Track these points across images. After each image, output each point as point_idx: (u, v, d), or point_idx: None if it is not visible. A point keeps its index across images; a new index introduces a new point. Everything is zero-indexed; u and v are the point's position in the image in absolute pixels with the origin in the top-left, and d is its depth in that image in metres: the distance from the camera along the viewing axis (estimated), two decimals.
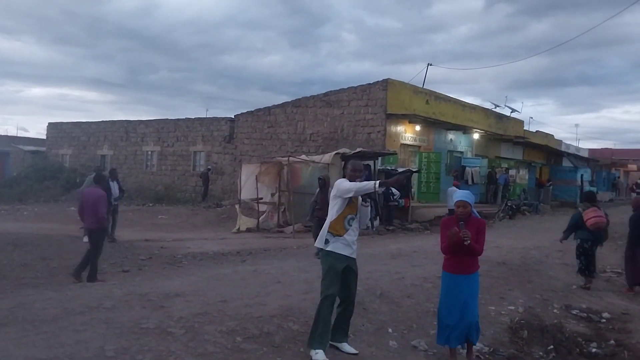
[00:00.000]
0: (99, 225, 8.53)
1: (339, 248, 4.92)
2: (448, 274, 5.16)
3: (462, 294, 5.07)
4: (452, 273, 5.12)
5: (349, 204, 4.98)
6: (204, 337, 4.92)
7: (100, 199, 8.52)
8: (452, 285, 5.12)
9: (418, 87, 23.19)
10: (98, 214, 8.42)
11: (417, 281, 7.77)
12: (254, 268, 8.83)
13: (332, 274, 4.89)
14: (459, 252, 5.04)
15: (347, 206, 4.98)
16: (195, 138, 27.11)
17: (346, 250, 4.94)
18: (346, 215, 4.98)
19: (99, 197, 8.54)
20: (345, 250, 4.94)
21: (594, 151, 46.15)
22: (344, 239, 4.94)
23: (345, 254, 4.93)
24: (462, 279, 5.08)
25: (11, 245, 11.08)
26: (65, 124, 32.90)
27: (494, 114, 28.50)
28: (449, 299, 5.13)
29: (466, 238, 4.90)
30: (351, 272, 5.00)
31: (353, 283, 5.06)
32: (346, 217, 4.97)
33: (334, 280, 4.87)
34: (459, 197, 5.19)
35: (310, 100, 22.64)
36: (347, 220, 4.98)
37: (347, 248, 4.95)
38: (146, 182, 28.07)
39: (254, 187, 16.95)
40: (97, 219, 8.42)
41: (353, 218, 5.01)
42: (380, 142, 20.09)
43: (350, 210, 5.00)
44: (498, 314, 6.89)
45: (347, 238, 4.95)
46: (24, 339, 4.62)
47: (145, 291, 6.66)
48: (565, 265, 10.41)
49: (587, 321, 7.28)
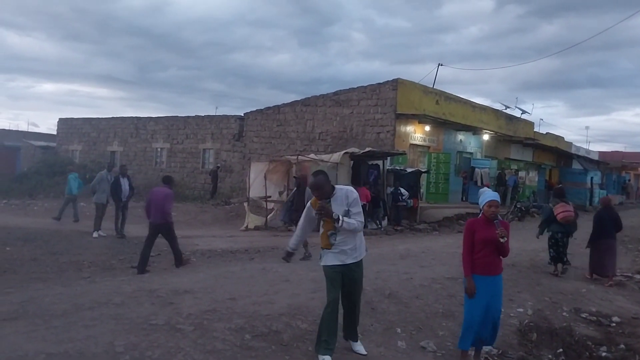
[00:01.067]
0: (164, 220, 9.33)
1: (329, 260, 4.87)
2: (478, 277, 5.08)
3: (488, 295, 5.05)
4: (483, 275, 5.07)
5: (322, 221, 4.91)
6: (213, 334, 4.93)
7: (168, 197, 9.42)
8: (481, 287, 5.06)
9: (428, 87, 23.10)
10: (164, 210, 9.27)
11: (425, 282, 7.75)
12: (262, 266, 8.84)
13: (328, 281, 4.87)
14: (489, 254, 5.03)
15: (325, 222, 4.89)
16: (204, 136, 27.18)
17: (338, 260, 4.84)
18: (327, 232, 4.89)
19: (167, 195, 9.43)
20: (337, 260, 4.84)
21: (604, 154, 45.79)
22: (333, 251, 4.85)
23: (337, 263, 4.84)
24: (491, 280, 5.08)
25: (21, 240, 11.16)
26: (75, 119, 33.08)
27: (504, 115, 28.36)
28: (477, 301, 5.06)
29: (503, 236, 4.91)
30: (349, 278, 4.89)
31: (352, 288, 4.96)
32: (328, 233, 4.88)
33: (333, 285, 4.83)
34: (491, 197, 5.16)
35: (320, 99, 22.63)
36: (330, 236, 4.87)
37: (339, 256, 4.84)
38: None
39: (262, 185, 16.96)
40: (163, 215, 9.25)
41: (333, 233, 4.85)
42: (389, 142, 20.04)
43: (328, 227, 4.88)
44: (507, 316, 6.85)
45: (337, 247, 4.84)
46: (34, 333, 4.65)
47: (155, 287, 6.69)
48: (575, 268, 10.35)
49: (597, 325, 7.23)
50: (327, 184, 4.87)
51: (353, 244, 4.90)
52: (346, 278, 4.89)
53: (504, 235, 4.94)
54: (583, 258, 10.43)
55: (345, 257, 4.85)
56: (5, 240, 10.90)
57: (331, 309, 4.78)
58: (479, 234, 5.06)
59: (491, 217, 5.07)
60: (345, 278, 4.88)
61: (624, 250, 13.87)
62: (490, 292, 5.06)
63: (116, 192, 13.20)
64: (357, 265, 4.95)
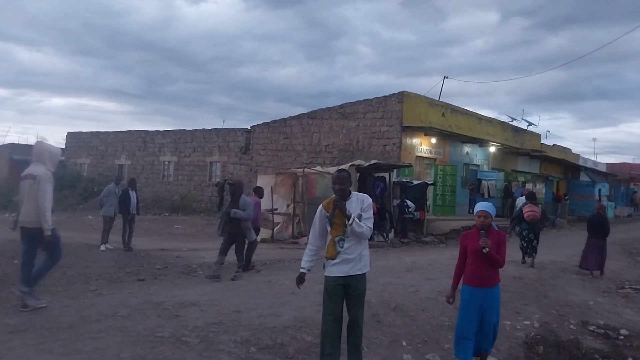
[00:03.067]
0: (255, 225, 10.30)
1: (333, 271, 4.69)
2: (468, 287, 5.10)
3: (481, 307, 5.02)
4: (473, 286, 5.06)
5: (333, 226, 4.71)
6: (218, 347, 4.95)
7: (257, 205, 10.82)
8: (472, 298, 5.05)
9: (434, 99, 23.18)
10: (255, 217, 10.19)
11: (432, 295, 7.73)
12: (268, 279, 8.86)
13: (327, 294, 4.74)
14: (479, 265, 5.01)
15: (332, 229, 4.71)
16: (211, 149, 27.32)
17: (341, 270, 4.66)
18: (334, 238, 4.70)
19: (256, 204, 10.74)
20: (340, 271, 4.66)
21: (612, 166, 45.59)
22: (338, 260, 4.67)
23: (340, 274, 4.67)
24: (483, 292, 5.04)
25: None
26: (84, 133, 33.36)
27: (510, 127, 28.36)
28: (469, 312, 5.06)
29: (485, 246, 4.89)
30: (352, 290, 4.70)
31: (354, 303, 4.73)
32: (335, 239, 4.70)
33: (331, 299, 4.70)
34: (480, 208, 5.17)
35: (326, 112, 22.73)
36: (337, 243, 4.70)
37: (342, 267, 4.66)
38: (163, 191, 28.31)
39: (269, 198, 17.00)
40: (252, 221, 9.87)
41: (342, 239, 4.69)
42: (395, 154, 20.08)
43: (337, 232, 4.70)
44: (513, 328, 6.82)
45: (341, 256, 4.67)
46: (41, 345, 4.69)
47: (161, 300, 6.72)
48: (582, 281, 10.29)
49: (605, 337, 7.16)
50: (349, 181, 4.82)
51: (358, 252, 4.72)
52: (348, 291, 4.69)
53: (486, 245, 4.91)
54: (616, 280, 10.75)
55: (348, 268, 4.67)
56: (13, 254, 10.94)
57: (329, 321, 4.68)
58: (470, 245, 5.08)
59: (481, 227, 5.07)
60: (346, 292, 4.69)
61: (633, 262, 13.79)
62: (482, 304, 5.02)
63: (125, 205, 13.26)
64: (361, 278, 4.74)
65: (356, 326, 4.74)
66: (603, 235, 11.37)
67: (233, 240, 9.29)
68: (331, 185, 4.83)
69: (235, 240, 9.29)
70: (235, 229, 9.19)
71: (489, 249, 4.90)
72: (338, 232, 4.69)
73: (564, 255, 13.51)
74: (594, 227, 11.55)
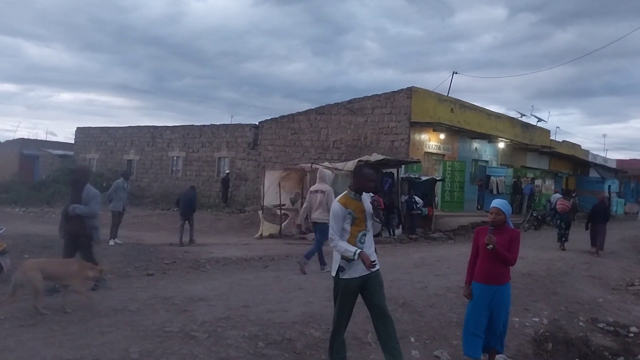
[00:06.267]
0: None
1: (356, 272, 4.54)
2: (478, 284, 5.08)
3: (490, 304, 5.01)
4: (482, 283, 5.05)
5: (355, 222, 4.58)
6: (227, 342, 4.96)
7: None
8: (481, 295, 5.04)
9: (443, 95, 23.06)
10: None
11: (440, 291, 7.71)
12: (276, 274, 8.86)
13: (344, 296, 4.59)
14: (489, 262, 4.98)
15: (353, 225, 4.58)
16: (220, 144, 27.37)
17: (361, 270, 4.54)
18: (356, 235, 4.57)
19: None
20: (360, 270, 4.54)
21: (622, 162, 45.17)
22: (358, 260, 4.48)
23: (362, 274, 4.56)
24: (493, 289, 5.02)
25: (39, 247, 11.29)
26: (93, 128, 33.50)
27: (519, 123, 28.19)
28: (477, 308, 5.05)
29: (489, 243, 4.86)
30: (372, 284, 4.61)
31: (377, 294, 4.64)
32: (357, 236, 4.57)
33: (350, 300, 4.61)
34: (494, 204, 5.15)
35: (334, 108, 22.68)
36: (358, 239, 4.57)
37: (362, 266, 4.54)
38: (171, 187, 28.40)
39: (276, 194, 17.02)
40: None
41: (365, 233, 4.61)
42: (403, 150, 20.02)
43: (359, 228, 4.60)
44: (522, 325, 6.80)
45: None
46: (51, 339, 4.72)
47: (170, 295, 6.74)
48: (592, 278, 10.23)
49: (614, 335, 7.12)
50: None
51: (372, 248, 4.68)
52: (367, 285, 4.60)
53: (490, 242, 4.88)
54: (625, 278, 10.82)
55: None
56: (23, 248, 11.02)
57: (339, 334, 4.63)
58: (481, 241, 5.05)
59: (493, 224, 5.05)
60: (365, 286, 4.60)
61: None
62: (491, 301, 5.01)
63: None
64: (378, 272, 4.69)
65: (386, 316, 4.66)
66: (604, 221, 13.88)
67: (76, 242, 7.13)
68: (362, 181, 4.66)
69: (78, 243, 7.13)
70: (77, 229, 7.06)
71: (495, 246, 4.87)
72: (360, 227, 4.59)
73: (573, 251, 13.45)
74: (598, 214, 13.97)
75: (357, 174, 4.80)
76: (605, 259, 12.71)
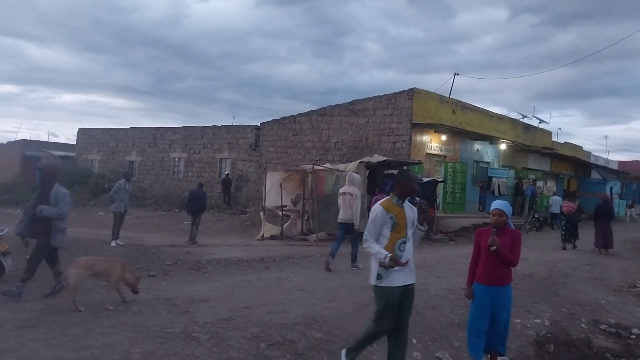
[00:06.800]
0: None
1: (395, 280, 4.37)
2: (480, 285, 5.07)
3: (492, 305, 5.00)
4: (485, 284, 5.04)
5: (395, 228, 4.39)
6: (228, 343, 4.96)
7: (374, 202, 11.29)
8: (483, 296, 5.03)
9: (444, 96, 23.06)
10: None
11: (441, 292, 7.70)
12: (277, 275, 8.86)
13: (386, 306, 4.40)
14: (491, 263, 4.98)
15: (393, 231, 4.40)
16: (221, 145, 27.38)
17: (401, 279, 4.38)
18: (395, 242, 4.39)
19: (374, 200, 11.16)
20: (401, 279, 4.38)
21: (624, 163, 45.13)
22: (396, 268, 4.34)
23: (400, 284, 4.38)
24: (495, 290, 5.00)
25: None
26: (94, 130, 33.55)
27: (521, 125, 28.18)
28: (479, 310, 5.04)
29: (493, 244, 4.86)
30: (406, 296, 4.46)
31: (407, 309, 4.53)
32: (396, 243, 4.38)
33: (391, 310, 4.41)
34: (495, 206, 5.14)
35: (336, 109, 22.69)
36: (397, 246, 4.38)
37: (408, 274, 4.44)
38: (173, 188, 28.44)
39: (278, 195, 17.03)
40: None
41: (404, 241, 4.42)
42: (405, 151, 20.02)
43: (399, 234, 4.41)
44: (524, 327, 6.79)
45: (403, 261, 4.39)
46: (52, 340, 4.72)
47: (171, 296, 6.75)
48: (594, 279, 10.21)
49: (616, 337, 7.10)
50: None
51: (412, 258, 4.53)
52: (404, 298, 4.44)
53: (493, 243, 4.87)
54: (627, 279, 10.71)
55: (410, 274, 4.48)
56: (25, 250, 11.04)
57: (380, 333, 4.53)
58: (483, 242, 5.05)
59: (495, 225, 5.04)
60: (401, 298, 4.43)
61: None
62: (492, 302, 4.99)
63: None
64: (412, 285, 4.52)
65: (405, 332, 4.61)
66: (608, 219, 14.21)
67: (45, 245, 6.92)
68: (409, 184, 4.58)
69: (37, 242, 6.93)
70: (41, 230, 6.81)
71: (498, 247, 4.87)
72: (400, 234, 4.42)
73: (574, 253, 13.44)
74: (601, 213, 14.34)
75: (402, 178, 4.65)
76: (607, 260, 12.69)
